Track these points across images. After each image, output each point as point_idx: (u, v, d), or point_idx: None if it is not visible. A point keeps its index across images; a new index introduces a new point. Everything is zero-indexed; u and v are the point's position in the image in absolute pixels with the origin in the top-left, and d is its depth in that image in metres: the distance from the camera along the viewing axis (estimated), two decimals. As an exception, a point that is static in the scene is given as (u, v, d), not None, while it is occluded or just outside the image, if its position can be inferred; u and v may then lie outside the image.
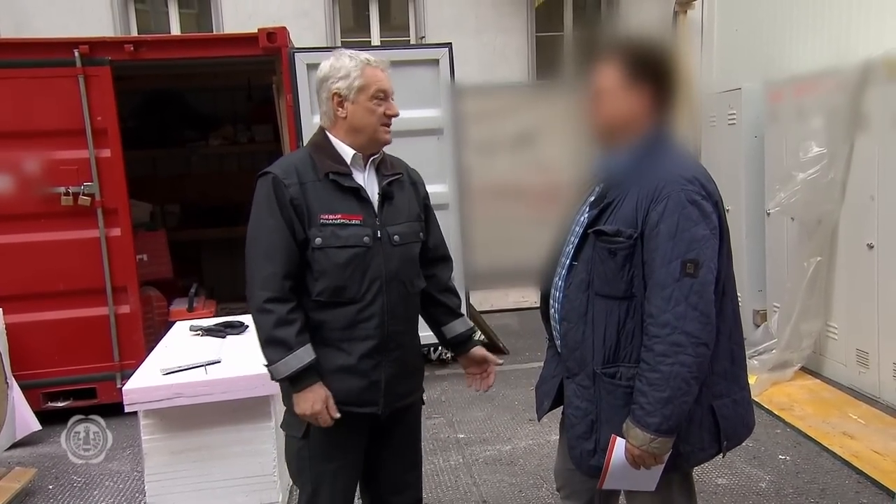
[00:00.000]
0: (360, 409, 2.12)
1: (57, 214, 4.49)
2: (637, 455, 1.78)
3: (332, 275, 2.04)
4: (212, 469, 3.04)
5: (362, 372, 2.09)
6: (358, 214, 2.07)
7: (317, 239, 2.03)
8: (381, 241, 2.09)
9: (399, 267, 2.13)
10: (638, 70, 1.85)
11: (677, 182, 1.76)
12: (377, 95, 2.09)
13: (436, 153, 5.01)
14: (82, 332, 4.63)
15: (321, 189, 2.06)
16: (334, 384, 2.07)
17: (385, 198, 2.14)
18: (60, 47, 4.45)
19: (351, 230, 2.05)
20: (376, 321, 2.08)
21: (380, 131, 2.12)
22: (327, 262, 2.03)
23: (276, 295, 1.99)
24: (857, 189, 4.39)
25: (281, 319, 1.98)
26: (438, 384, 5.03)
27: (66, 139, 4.49)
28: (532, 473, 3.66)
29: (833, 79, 4.45)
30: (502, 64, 8.20)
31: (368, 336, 2.08)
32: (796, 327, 4.70)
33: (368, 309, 2.07)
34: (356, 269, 2.05)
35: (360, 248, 2.05)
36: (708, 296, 1.74)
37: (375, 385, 2.12)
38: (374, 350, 2.09)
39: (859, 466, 3.54)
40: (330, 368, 2.07)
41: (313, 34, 7.51)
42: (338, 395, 2.07)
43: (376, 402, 2.13)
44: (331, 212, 2.04)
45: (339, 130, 2.12)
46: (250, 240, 2.05)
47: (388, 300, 2.10)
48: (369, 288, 2.07)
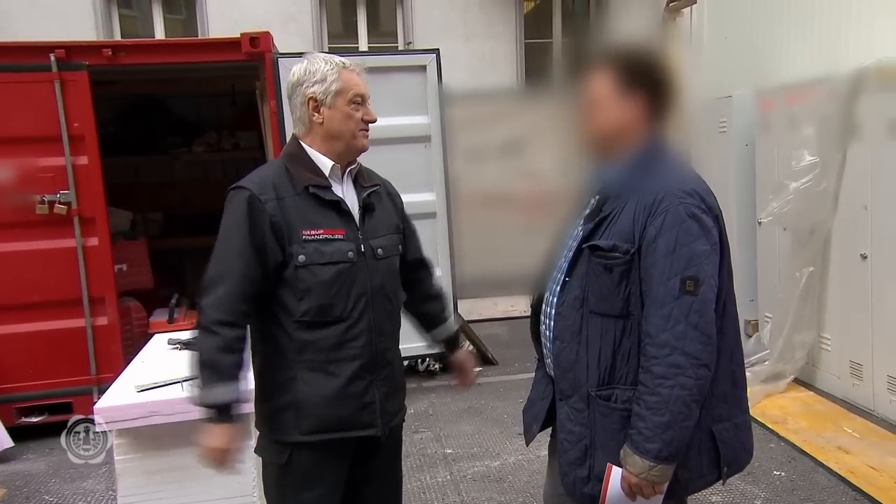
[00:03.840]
0: (361, 433, 2.03)
1: (32, 223, 4.37)
2: (635, 484, 1.67)
3: (317, 293, 1.93)
4: (189, 490, 2.90)
5: (353, 395, 1.99)
6: (340, 229, 1.97)
7: (300, 256, 1.92)
8: (365, 255, 2.00)
9: (383, 281, 2.05)
10: (633, 77, 1.76)
11: (676, 195, 1.67)
12: (354, 100, 1.99)
13: (424, 161, 4.92)
14: (58, 344, 4.49)
15: (300, 203, 1.95)
16: (327, 412, 1.96)
17: (366, 210, 2.05)
18: (36, 51, 4.33)
19: (335, 245, 1.95)
20: (364, 339, 1.99)
21: (358, 137, 2.02)
22: (312, 280, 1.93)
23: (228, 319, 1.87)
24: (850, 198, 4.34)
25: (226, 345, 1.86)
26: (426, 397, 4.93)
27: (41, 146, 4.37)
28: (521, 491, 3.56)
29: (825, 87, 4.39)
30: (491, 70, 8.14)
31: (356, 356, 1.98)
32: (789, 338, 4.64)
33: (356, 327, 1.97)
34: (342, 285, 1.95)
35: (346, 264, 1.95)
36: (709, 314, 1.65)
37: (370, 407, 2.02)
38: (363, 369, 1.99)
39: (855, 483, 3.46)
40: (317, 397, 1.96)
41: (300, 40, 7.42)
42: (331, 422, 1.97)
43: (374, 423, 2.04)
44: (312, 227, 1.94)
45: (315, 138, 2.02)
46: (214, 257, 1.94)
47: (375, 316, 2.01)
48: (356, 305, 1.97)
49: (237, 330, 1.89)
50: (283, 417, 1.99)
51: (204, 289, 1.91)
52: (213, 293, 1.88)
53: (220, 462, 1.92)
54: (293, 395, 1.97)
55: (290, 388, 1.97)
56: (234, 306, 1.87)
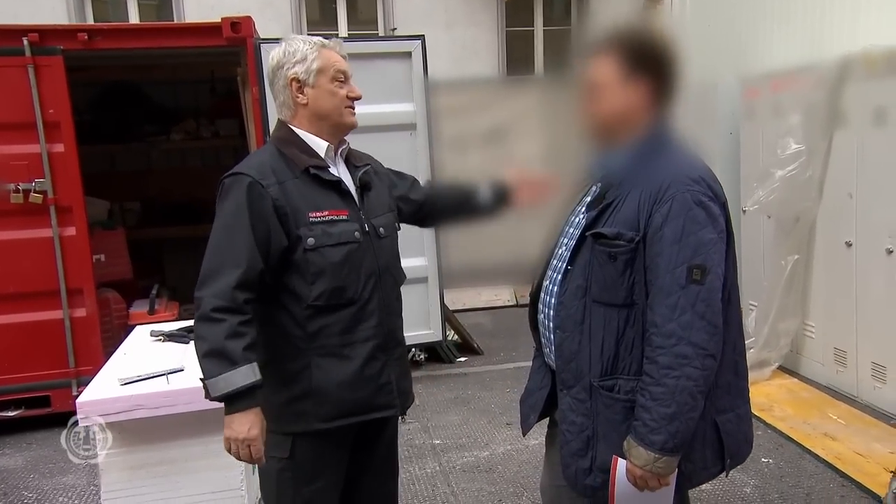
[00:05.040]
0: (380, 414, 2.01)
1: (6, 213, 4.25)
2: (640, 476, 1.65)
3: (329, 275, 1.89)
4: (174, 484, 2.84)
5: (370, 377, 1.96)
6: (343, 209, 1.94)
7: (309, 239, 1.87)
8: (370, 235, 1.98)
9: (388, 260, 2.04)
10: (637, 62, 1.72)
11: (683, 182, 1.63)
12: (337, 77, 1.96)
13: (409, 149, 4.86)
14: (35, 336, 4.38)
15: (302, 186, 1.90)
16: (346, 396, 1.93)
17: (364, 189, 2.02)
18: (8, 35, 4.19)
19: (341, 226, 1.92)
20: (376, 319, 1.97)
21: (345, 114, 1.98)
22: (323, 262, 1.88)
23: (229, 305, 1.79)
24: (835, 186, 4.35)
25: (232, 331, 1.77)
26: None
27: (15, 133, 4.23)
28: (511, 481, 3.54)
29: (811, 75, 4.39)
30: (472, 58, 8.09)
31: (370, 337, 1.96)
32: (774, 326, 4.66)
33: (367, 307, 1.95)
34: (353, 266, 1.92)
35: (353, 244, 1.93)
36: (716, 304, 1.62)
37: (387, 387, 2.00)
38: (378, 350, 1.97)
39: (842, 469, 3.49)
40: (334, 382, 1.92)
41: (278, 26, 7.29)
42: (350, 406, 1.94)
43: (393, 404, 2.02)
44: (317, 209, 1.90)
45: (302, 120, 1.97)
46: (213, 246, 1.86)
47: (384, 296, 2.00)
48: (366, 285, 1.95)
49: (241, 316, 1.81)
50: (300, 408, 1.93)
51: (202, 280, 1.83)
52: (212, 284, 1.81)
53: (245, 454, 1.82)
54: (308, 383, 1.92)
55: (303, 377, 1.92)
56: (235, 295, 1.80)
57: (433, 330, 5.03)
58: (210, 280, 1.82)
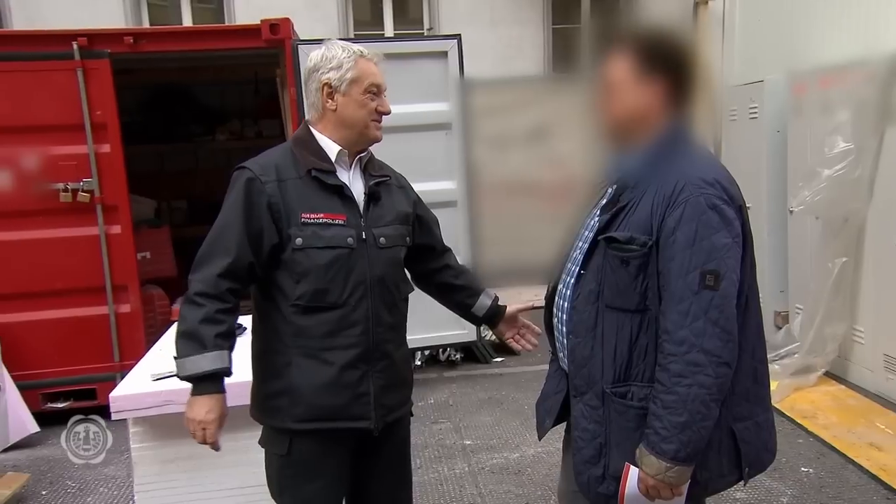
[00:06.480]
0: (352, 424, 1.98)
1: (55, 211, 4.39)
2: (652, 485, 1.61)
3: (313, 277, 1.91)
4: (204, 479, 2.89)
5: (347, 385, 1.95)
6: (341, 214, 1.94)
7: (297, 239, 1.90)
8: (367, 243, 1.96)
9: (385, 271, 2.00)
10: (652, 60, 1.68)
11: (696, 185, 1.59)
12: (370, 90, 1.97)
13: (444, 148, 4.86)
14: (82, 331, 4.52)
15: (302, 187, 1.93)
16: (319, 401, 1.94)
17: (371, 198, 2.01)
18: (58, 40, 4.33)
19: (334, 230, 1.92)
20: (361, 328, 1.95)
21: (370, 127, 1.99)
22: (309, 263, 1.90)
23: (212, 292, 1.86)
24: (886, 186, 4.18)
25: (208, 317, 1.85)
26: (447, 387, 4.88)
27: (64, 134, 4.37)
28: (540, 484, 3.51)
29: (861, 70, 4.23)
30: (518, 57, 8.01)
31: (352, 344, 1.94)
32: (820, 330, 4.50)
33: (352, 315, 1.94)
34: (339, 271, 1.92)
35: (344, 250, 1.92)
36: (729, 310, 1.57)
37: (364, 398, 1.98)
38: (359, 359, 1.96)
39: (887, 481, 3.35)
40: (311, 384, 1.93)
41: (325, 27, 7.35)
42: (323, 411, 1.94)
43: (368, 415, 1.99)
44: (312, 210, 1.92)
45: (327, 124, 1.99)
46: (209, 234, 1.95)
47: (373, 306, 1.97)
48: (352, 292, 1.93)
49: (221, 304, 1.87)
50: (276, 403, 1.97)
51: (194, 264, 1.92)
52: (200, 269, 1.90)
53: (200, 435, 1.90)
54: (287, 380, 1.95)
55: (284, 374, 1.96)
56: (219, 282, 1.87)
57: (467, 330, 5.02)
58: (199, 266, 1.90)
